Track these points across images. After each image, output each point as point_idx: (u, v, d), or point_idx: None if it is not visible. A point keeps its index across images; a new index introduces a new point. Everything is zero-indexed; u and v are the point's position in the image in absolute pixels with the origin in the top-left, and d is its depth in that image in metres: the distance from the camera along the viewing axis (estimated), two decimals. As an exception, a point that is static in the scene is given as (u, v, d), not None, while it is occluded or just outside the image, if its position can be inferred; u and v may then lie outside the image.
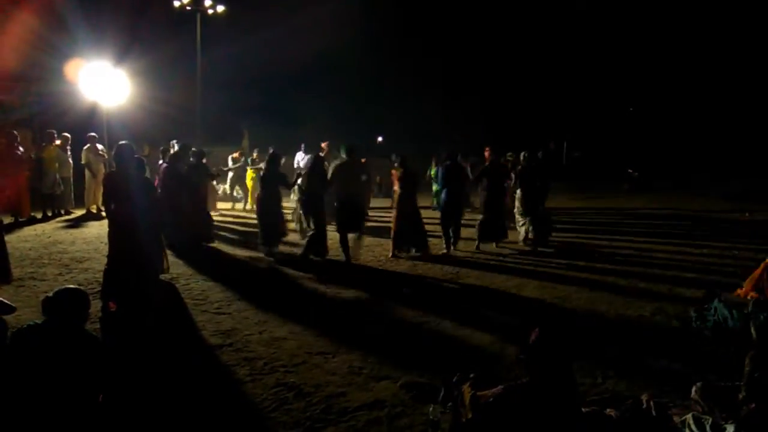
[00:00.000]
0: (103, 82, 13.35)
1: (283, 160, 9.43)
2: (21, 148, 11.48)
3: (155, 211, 6.99)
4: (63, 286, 3.35)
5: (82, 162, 12.60)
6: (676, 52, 33.66)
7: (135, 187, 6.11)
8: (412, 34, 36.62)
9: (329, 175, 8.63)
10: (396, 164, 9.55)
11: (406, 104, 34.73)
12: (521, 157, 9.96)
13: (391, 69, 35.70)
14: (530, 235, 9.63)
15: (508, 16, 36.14)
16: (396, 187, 9.38)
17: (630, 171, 23.55)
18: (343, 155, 8.80)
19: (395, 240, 9.06)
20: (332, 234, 8.82)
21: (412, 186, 9.24)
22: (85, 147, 12.58)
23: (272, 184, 8.92)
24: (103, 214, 12.03)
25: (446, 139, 23.67)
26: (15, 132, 11.67)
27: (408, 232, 9.04)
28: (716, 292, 5.96)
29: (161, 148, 11.69)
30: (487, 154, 10.43)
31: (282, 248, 9.08)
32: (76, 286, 3.42)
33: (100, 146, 12.84)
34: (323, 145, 12.75)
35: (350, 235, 8.77)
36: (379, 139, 32.99)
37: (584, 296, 6.81)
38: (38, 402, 3.00)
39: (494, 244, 9.75)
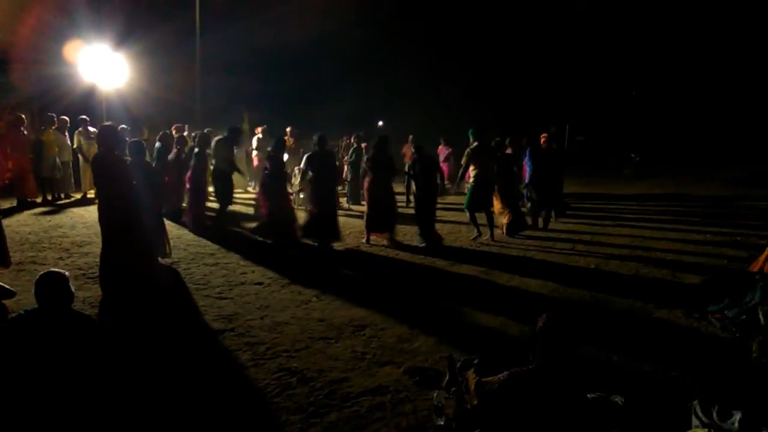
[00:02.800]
0: (102, 65, 13.23)
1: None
2: (26, 132, 11.46)
3: (156, 194, 6.95)
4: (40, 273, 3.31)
5: (74, 146, 12.52)
6: (679, 36, 33.37)
7: (124, 169, 6.02)
8: (413, 17, 36.28)
9: (467, 158, 9.07)
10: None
11: (406, 88, 34.52)
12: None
13: (391, 52, 35.42)
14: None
15: (510, -1, 35.81)
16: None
17: (632, 155, 23.44)
18: (472, 139, 9.17)
19: (512, 224, 9.47)
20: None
21: (511, 169, 9.78)
22: (77, 130, 12.48)
23: (382, 170, 8.84)
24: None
25: (446, 123, 23.54)
26: (22, 115, 11.59)
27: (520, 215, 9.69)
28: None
29: (184, 133, 11.66)
30: (543, 140, 10.68)
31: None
32: (52, 270, 3.37)
33: (92, 129, 12.73)
34: (257, 130, 12.87)
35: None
36: (380, 123, 32.82)
37: (587, 282, 6.78)
38: (38, 385, 2.99)
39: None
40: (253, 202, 10.77)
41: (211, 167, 10.01)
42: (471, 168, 9.14)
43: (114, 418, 3.31)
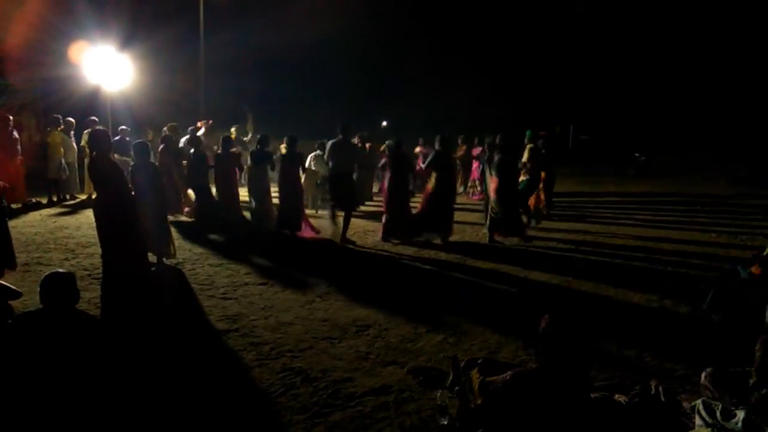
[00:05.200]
0: (106, 66, 13.28)
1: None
2: (16, 133, 11.27)
3: (159, 194, 6.97)
4: (45, 273, 3.34)
5: (82, 144, 12.56)
6: (683, 36, 33.32)
7: (117, 172, 6.00)
8: (415, 17, 36.31)
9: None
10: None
11: (409, 89, 34.56)
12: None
13: (395, 53, 35.47)
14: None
15: (513, -1, 35.83)
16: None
17: (637, 155, 23.41)
18: (528, 141, 10.63)
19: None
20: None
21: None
22: (86, 131, 12.52)
23: (509, 172, 8.98)
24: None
25: (449, 123, 23.59)
26: (9, 116, 11.33)
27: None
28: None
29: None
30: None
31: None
32: (58, 270, 3.41)
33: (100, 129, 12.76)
34: (199, 123, 12.92)
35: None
36: (384, 123, 32.88)
37: (591, 281, 6.78)
38: (42, 385, 3.01)
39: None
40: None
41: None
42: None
43: (118, 417, 3.33)
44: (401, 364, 4.33)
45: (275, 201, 9.93)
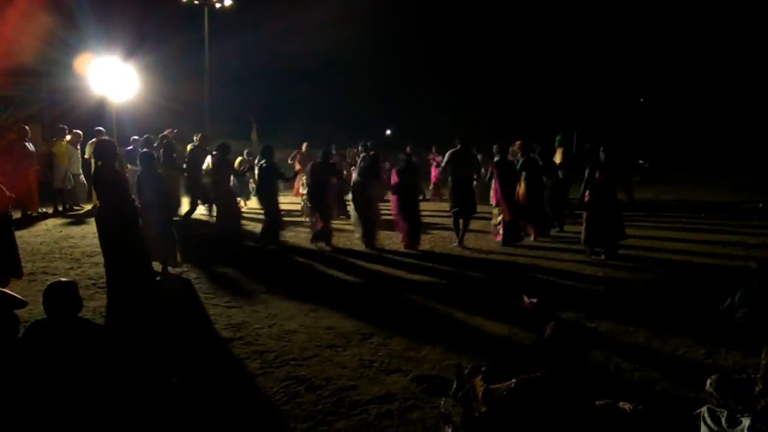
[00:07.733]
0: (112, 77, 13.34)
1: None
2: (31, 144, 11.44)
3: (164, 204, 7.00)
4: (49, 283, 3.37)
5: (86, 156, 12.62)
6: (686, 43, 33.35)
7: (121, 182, 6.02)
8: (420, 27, 36.48)
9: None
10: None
11: (414, 98, 34.67)
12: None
13: (399, 63, 35.63)
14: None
15: (519, 7, 35.93)
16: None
17: (640, 162, 23.40)
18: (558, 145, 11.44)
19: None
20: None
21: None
22: (90, 141, 12.59)
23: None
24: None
25: (454, 131, 23.63)
26: (26, 127, 11.63)
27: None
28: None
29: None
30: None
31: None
32: (60, 279, 3.45)
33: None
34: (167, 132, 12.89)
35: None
36: (388, 132, 32.96)
37: (597, 288, 6.76)
38: (49, 395, 3.02)
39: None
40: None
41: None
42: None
43: (123, 425, 3.33)
44: (405, 372, 4.32)
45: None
